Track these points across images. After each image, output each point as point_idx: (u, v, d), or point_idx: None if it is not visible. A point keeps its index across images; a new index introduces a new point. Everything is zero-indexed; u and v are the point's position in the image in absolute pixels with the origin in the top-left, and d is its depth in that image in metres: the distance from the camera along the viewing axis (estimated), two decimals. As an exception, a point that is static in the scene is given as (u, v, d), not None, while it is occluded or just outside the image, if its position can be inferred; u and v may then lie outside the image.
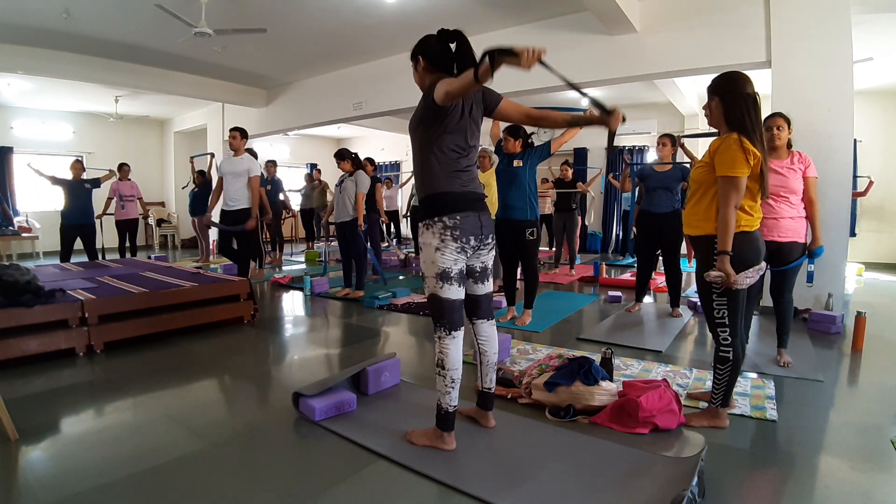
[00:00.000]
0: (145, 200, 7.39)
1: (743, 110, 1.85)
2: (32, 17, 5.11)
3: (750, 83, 1.90)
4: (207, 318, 3.66)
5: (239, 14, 5.20)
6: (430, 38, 1.83)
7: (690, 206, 2.03)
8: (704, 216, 1.95)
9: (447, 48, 1.80)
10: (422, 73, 1.86)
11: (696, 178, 2.00)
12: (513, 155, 3.60)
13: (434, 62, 1.82)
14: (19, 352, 2.78)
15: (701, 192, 1.97)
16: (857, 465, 1.77)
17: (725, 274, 1.84)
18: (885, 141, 7.37)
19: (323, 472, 1.75)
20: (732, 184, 1.83)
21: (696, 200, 1.99)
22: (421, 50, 1.84)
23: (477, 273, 1.90)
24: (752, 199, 1.92)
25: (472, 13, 5.07)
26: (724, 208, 1.85)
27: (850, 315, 3.59)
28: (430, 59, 1.82)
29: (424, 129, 1.78)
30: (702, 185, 1.97)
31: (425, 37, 1.84)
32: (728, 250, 1.84)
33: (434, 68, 1.81)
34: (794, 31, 3.99)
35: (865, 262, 6.87)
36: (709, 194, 1.93)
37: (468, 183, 1.81)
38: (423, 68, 1.84)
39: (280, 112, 8.45)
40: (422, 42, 1.85)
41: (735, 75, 1.93)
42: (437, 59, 1.81)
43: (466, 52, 1.78)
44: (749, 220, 1.92)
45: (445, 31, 1.80)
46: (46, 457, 1.86)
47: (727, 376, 1.98)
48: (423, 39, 1.84)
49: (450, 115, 1.74)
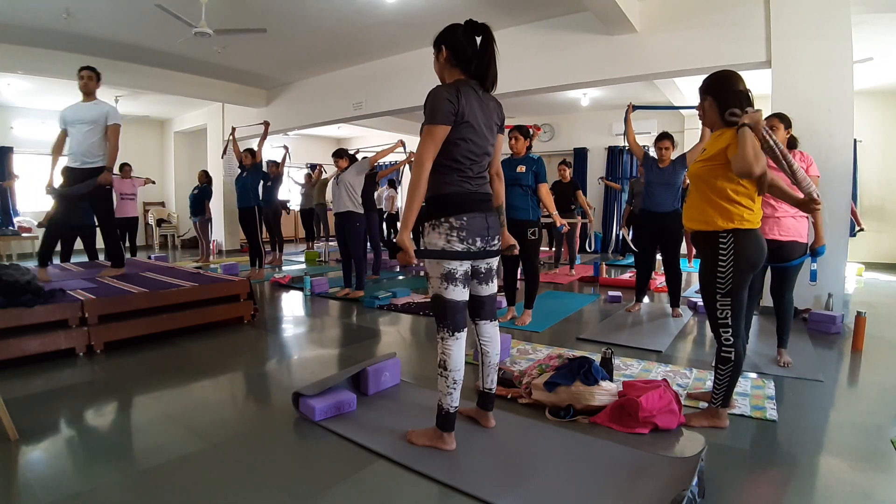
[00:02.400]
0: (145, 201, 7.40)
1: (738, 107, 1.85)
2: (32, 17, 5.11)
3: (741, 80, 1.90)
4: (207, 318, 3.66)
5: (239, 14, 5.20)
6: (456, 27, 1.76)
7: (690, 200, 2.03)
8: (703, 210, 1.95)
9: (473, 41, 1.75)
10: (442, 64, 1.80)
11: (694, 172, 2.00)
12: (517, 160, 3.62)
13: (457, 55, 1.75)
14: (19, 352, 2.78)
15: (700, 187, 1.97)
16: (857, 465, 1.76)
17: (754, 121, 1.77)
18: (885, 141, 7.37)
19: (323, 472, 1.74)
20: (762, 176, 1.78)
21: (696, 194, 1.99)
22: (446, 39, 1.77)
23: (482, 274, 1.89)
24: (751, 197, 1.91)
25: (472, 13, 4.98)
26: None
27: (850, 315, 3.60)
28: (453, 51, 1.75)
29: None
30: (700, 179, 1.96)
31: (451, 25, 1.77)
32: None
33: (456, 61, 1.76)
34: (794, 31, 3.99)
35: (865, 262, 6.87)
36: (708, 189, 1.93)
37: (476, 184, 1.78)
38: (444, 59, 1.78)
39: (280, 112, 8.45)
40: (448, 31, 1.77)
41: (726, 74, 1.93)
42: (461, 51, 1.75)
43: (487, 51, 1.74)
44: (751, 216, 1.91)
45: (473, 22, 1.75)
46: (46, 457, 1.86)
47: (728, 377, 1.98)
48: (449, 28, 1.77)
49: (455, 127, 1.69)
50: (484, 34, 1.74)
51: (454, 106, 1.66)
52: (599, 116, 9.30)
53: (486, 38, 1.74)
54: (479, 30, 1.75)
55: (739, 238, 1.89)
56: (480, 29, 1.75)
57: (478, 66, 1.75)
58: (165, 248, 10.13)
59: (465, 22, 1.76)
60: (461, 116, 1.68)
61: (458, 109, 1.67)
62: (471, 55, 1.75)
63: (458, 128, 1.69)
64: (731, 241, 1.89)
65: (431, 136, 1.66)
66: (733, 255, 1.89)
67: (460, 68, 1.77)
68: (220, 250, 9.37)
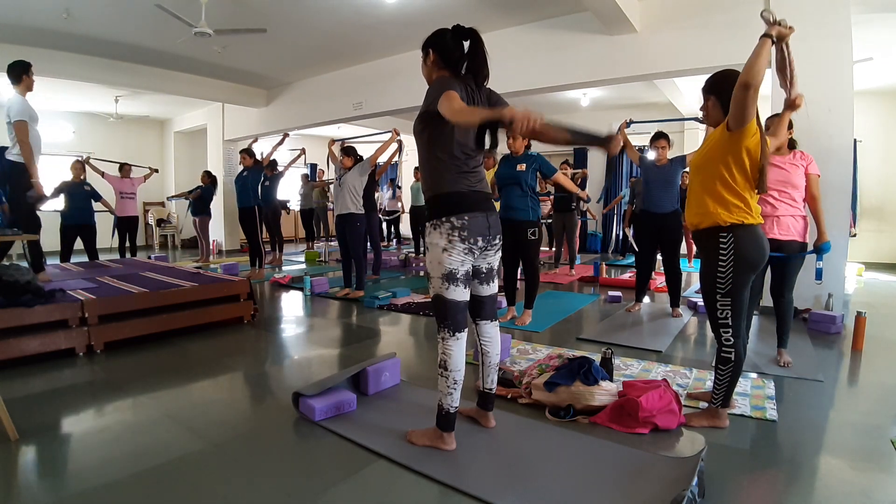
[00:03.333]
0: (145, 201, 7.41)
1: None
2: (32, 17, 5.11)
3: None
4: (207, 318, 3.66)
5: (239, 14, 5.21)
6: (444, 31, 1.79)
7: (690, 196, 2.03)
8: (703, 202, 1.94)
9: (460, 45, 1.77)
10: (430, 67, 1.83)
11: (695, 163, 2.00)
12: (516, 158, 3.61)
13: (445, 58, 1.78)
14: (19, 352, 2.78)
15: (699, 180, 1.96)
16: (857, 465, 1.77)
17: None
18: (885, 141, 7.38)
19: (323, 472, 1.74)
20: (754, 98, 1.75)
21: (696, 187, 1.99)
22: (433, 43, 1.80)
23: (483, 274, 1.89)
24: (748, 192, 1.89)
25: (472, 13, 5.07)
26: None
27: (850, 315, 3.59)
28: (441, 55, 1.78)
29: (430, 130, 1.75)
30: (699, 171, 1.96)
31: (439, 30, 1.80)
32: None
33: (444, 64, 1.78)
34: (795, 31, 3.98)
35: (865, 262, 6.87)
36: (707, 182, 1.92)
37: (476, 183, 1.79)
38: (432, 62, 1.80)
39: (280, 112, 8.45)
40: (435, 35, 1.80)
41: (730, 73, 1.92)
42: (448, 55, 1.77)
43: (479, 52, 1.75)
44: (747, 210, 1.90)
45: (461, 27, 1.77)
46: (46, 457, 1.86)
47: (728, 377, 1.98)
48: (436, 32, 1.80)
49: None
50: (471, 38, 1.76)
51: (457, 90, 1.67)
52: (599, 116, 9.29)
53: (474, 41, 1.76)
54: (466, 34, 1.77)
55: (739, 236, 1.88)
56: (468, 33, 1.77)
57: (468, 67, 1.77)
58: (165, 248, 10.14)
59: (452, 27, 1.79)
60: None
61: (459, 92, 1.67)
62: (458, 58, 1.77)
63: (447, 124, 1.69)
64: (731, 239, 1.89)
65: (449, 97, 1.60)
66: (733, 255, 1.88)
67: (448, 71, 1.78)
68: (220, 250, 9.37)
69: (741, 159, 1.85)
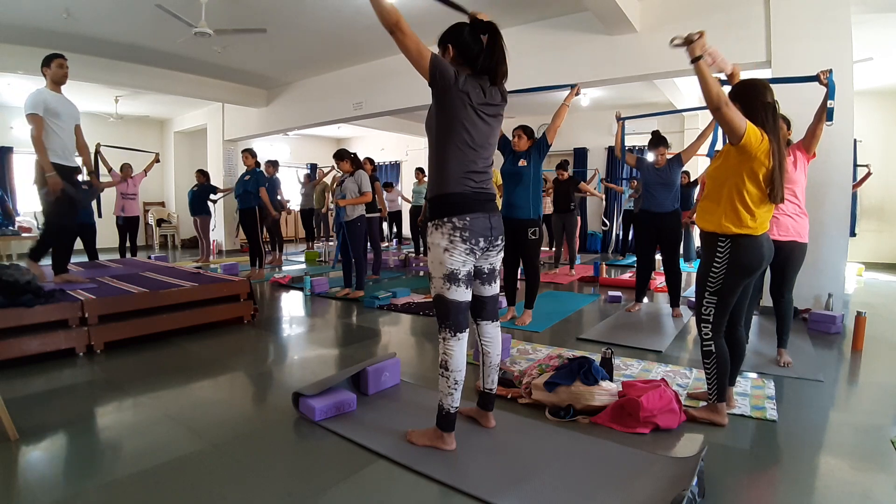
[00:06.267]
0: (145, 201, 7.39)
1: (763, 119, 1.86)
2: (32, 17, 5.11)
3: (770, 92, 1.92)
4: (207, 318, 3.66)
5: (239, 14, 5.20)
6: (462, 25, 1.76)
7: (703, 201, 2.06)
8: (712, 210, 1.98)
9: (479, 40, 1.74)
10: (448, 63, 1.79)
11: (710, 174, 2.03)
12: (519, 154, 3.61)
13: (464, 53, 1.74)
14: (19, 352, 2.78)
15: (716, 188, 1.99)
16: (857, 465, 1.77)
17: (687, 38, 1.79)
18: (885, 141, 7.38)
19: (323, 472, 1.74)
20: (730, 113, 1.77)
21: (710, 195, 2.01)
22: (452, 38, 1.76)
23: (485, 274, 1.89)
24: (757, 205, 1.91)
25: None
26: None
27: (850, 315, 3.60)
28: (459, 50, 1.75)
29: (437, 121, 1.74)
30: (716, 180, 1.99)
31: (457, 24, 1.77)
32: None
33: (463, 59, 1.75)
34: (794, 32, 3.99)
35: (865, 262, 6.87)
36: (723, 190, 1.95)
37: (481, 183, 1.78)
38: (451, 58, 1.77)
39: (280, 112, 8.45)
40: (453, 30, 1.77)
41: (757, 83, 1.94)
42: (467, 49, 1.74)
43: (498, 47, 1.74)
44: (754, 223, 1.92)
45: (479, 20, 1.75)
46: (46, 457, 1.86)
47: (714, 370, 2.03)
48: (454, 26, 1.77)
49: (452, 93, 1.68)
50: (489, 32, 1.74)
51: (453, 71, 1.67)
52: (599, 116, 9.30)
53: (493, 35, 1.74)
54: (484, 28, 1.74)
55: (739, 244, 1.92)
56: (486, 27, 1.74)
57: (486, 62, 1.74)
58: (165, 248, 10.13)
59: (469, 20, 1.76)
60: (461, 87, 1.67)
61: (455, 77, 1.67)
62: (477, 53, 1.74)
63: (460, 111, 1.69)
64: (728, 246, 1.94)
65: (418, 41, 1.65)
66: (728, 260, 1.94)
67: (467, 66, 1.76)
68: (220, 250, 9.37)
69: (753, 172, 1.88)
